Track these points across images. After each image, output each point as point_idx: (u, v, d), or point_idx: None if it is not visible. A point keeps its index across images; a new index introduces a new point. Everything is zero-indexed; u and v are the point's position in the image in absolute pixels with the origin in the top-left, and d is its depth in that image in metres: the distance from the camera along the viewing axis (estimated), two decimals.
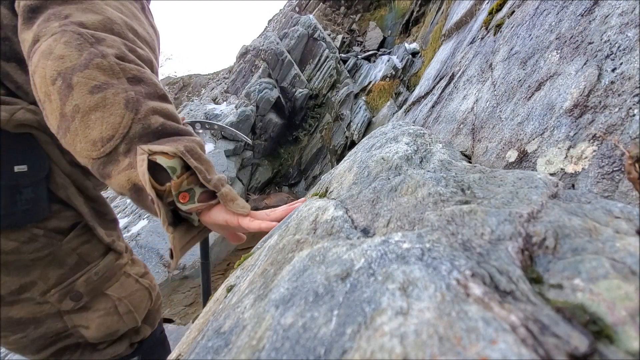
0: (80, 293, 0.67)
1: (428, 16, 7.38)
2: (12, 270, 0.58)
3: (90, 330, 0.69)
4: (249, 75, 6.61)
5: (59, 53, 0.47)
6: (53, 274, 0.64)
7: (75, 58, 0.47)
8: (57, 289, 0.65)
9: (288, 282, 0.42)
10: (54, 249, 0.63)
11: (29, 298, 0.62)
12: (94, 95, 0.46)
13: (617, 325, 0.26)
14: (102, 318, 0.70)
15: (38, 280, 0.62)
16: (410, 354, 0.25)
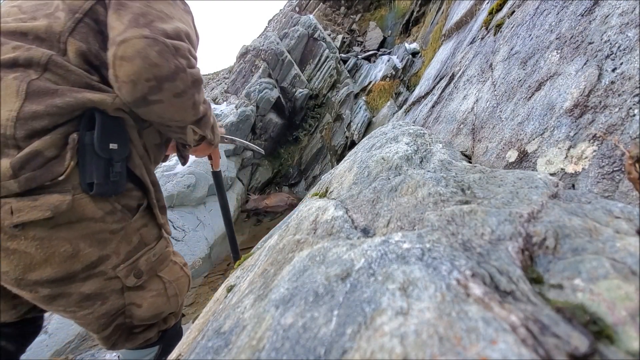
0: (142, 271, 0.75)
1: (428, 16, 7.39)
2: (94, 242, 0.66)
3: (142, 308, 0.76)
4: (249, 76, 6.62)
5: (154, 61, 0.62)
6: (123, 250, 0.72)
7: (166, 70, 0.64)
8: (125, 264, 0.72)
9: (288, 282, 0.42)
10: (125, 225, 0.72)
11: (102, 272, 0.69)
12: (175, 99, 0.68)
13: (618, 325, 0.26)
14: (154, 298, 0.78)
15: (112, 254, 0.70)
16: (411, 354, 0.25)
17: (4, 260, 0.59)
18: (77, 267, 0.65)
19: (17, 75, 0.59)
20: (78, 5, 0.67)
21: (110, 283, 0.70)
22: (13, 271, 0.60)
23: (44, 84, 0.60)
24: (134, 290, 0.75)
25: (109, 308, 0.71)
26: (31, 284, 0.62)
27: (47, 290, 0.64)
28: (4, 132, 0.57)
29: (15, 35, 0.63)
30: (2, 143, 0.57)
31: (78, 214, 0.64)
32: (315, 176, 6.03)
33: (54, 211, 0.60)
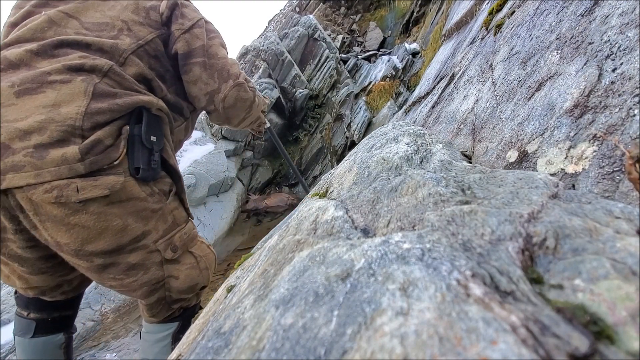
0: (177, 246, 0.87)
1: (428, 16, 7.39)
2: (139, 218, 0.77)
3: (179, 280, 0.87)
4: (249, 76, 6.62)
5: (244, 97, 1.02)
6: (161, 227, 0.84)
7: (250, 98, 1.05)
8: (164, 239, 0.84)
9: (288, 282, 0.42)
10: (163, 206, 0.84)
11: (145, 245, 0.80)
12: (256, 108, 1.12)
13: (618, 325, 0.26)
14: (189, 270, 0.89)
15: (153, 230, 0.81)
16: (411, 355, 0.25)
17: (66, 233, 0.68)
18: (125, 240, 0.76)
19: (84, 78, 0.71)
20: (143, 35, 0.85)
21: (151, 255, 0.82)
22: (73, 243, 0.70)
23: (105, 87, 0.74)
24: (171, 263, 0.86)
25: (150, 277, 0.83)
26: (88, 254, 0.73)
27: (101, 260, 0.75)
28: (73, 124, 0.67)
29: (80, 46, 0.76)
30: (70, 133, 0.66)
31: (127, 193, 0.75)
32: (316, 176, 6.03)
33: (111, 189, 0.70)
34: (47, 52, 0.72)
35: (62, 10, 0.79)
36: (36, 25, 0.76)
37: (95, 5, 0.83)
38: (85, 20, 0.80)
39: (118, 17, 0.83)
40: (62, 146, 0.65)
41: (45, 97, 0.66)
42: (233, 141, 5.72)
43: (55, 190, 0.63)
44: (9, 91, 0.66)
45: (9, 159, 0.61)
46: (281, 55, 6.45)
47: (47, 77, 0.68)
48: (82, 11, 0.81)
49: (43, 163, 0.62)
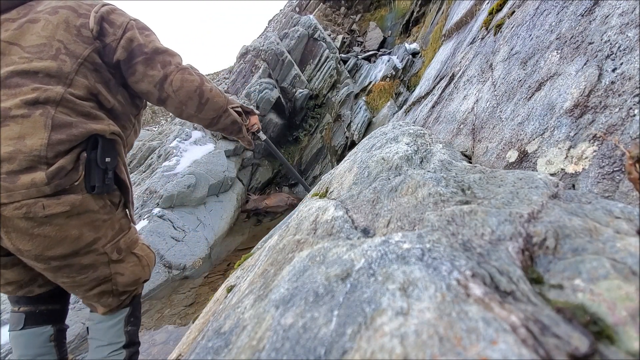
0: (122, 249, 1.01)
1: (428, 16, 7.39)
2: (92, 228, 0.91)
3: (124, 276, 1.02)
4: (249, 76, 6.62)
5: (190, 78, 1.06)
6: (110, 233, 0.97)
7: (198, 81, 1.09)
8: (111, 243, 0.98)
9: (288, 282, 0.42)
10: (112, 216, 0.98)
11: (95, 249, 0.94)
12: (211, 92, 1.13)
13: (618, 325, 0.26)
14: (133, 267, 1.05)
15: (102, 236, 0.95)
16: (411, 355, 0.25)
17: (29, 242, 0.82)
18: (80, 246, 0.90)
19: (41, 111, 0.81)
20: (79, 52, 0.93)
21: (100, 257, 0.96)
22: (35, 249, 0.83)
23: (61, 117, 0.84)
24: (117, 262, 1.01)
25: (98, 274, 0.97)
26: (47, 258, 0.86)
27: (57, 263, 0.88)
28: (38, 154, 0.79)
29: (29, 75, 0.84)
30: (37, 161, 0.79)
31: (84, 207, 0.89)
32: (316, 176, 6.03)
33: (71, 206, 0.85)
34: (5, 84, 0.82)
35: (5, 39, 0.87)
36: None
37: (30, 28, 0.90)
38: (25, 45, 0.88)
39: (53, 37, 0.90)
40: (31, 172, 0.78)
41: (10, 130, 0.78)
42: (233, 141, 5.72)
43: (24, 207, 0.78)
44: None
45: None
46: (281, 55, 6.45)
47: (9, 112, 0.79)
48: (20, 37, 0.88)
49: (14, 187, 0.76)
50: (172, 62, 1.05)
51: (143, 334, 2.32)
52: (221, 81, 9.07)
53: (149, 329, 2.39)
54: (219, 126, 1.21)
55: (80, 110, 0.90)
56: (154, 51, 1.02)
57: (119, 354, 1.04)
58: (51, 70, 0.87)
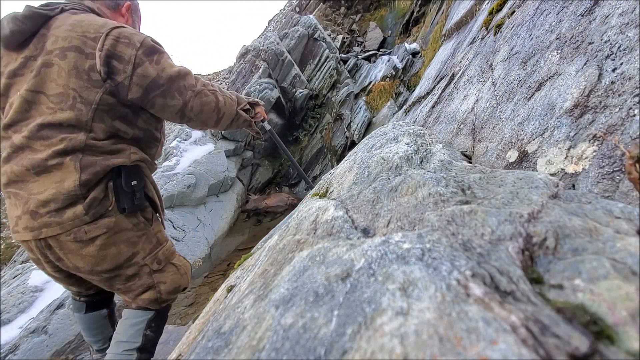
0: (161, 260, 1.16)
1: (428, 16, 7.39)
2: (129, 244, 1.07)
3: (166, 284, 1.17)
4: (249, 76, 6.62)
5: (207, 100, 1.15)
6: (147, 247, 1.12)
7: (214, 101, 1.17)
8: (150, 256, 1.13)
9: (288, 282, 0.42)
10: (147, 231, 1.13)
11: (136, 262, 1.10)
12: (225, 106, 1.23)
13: (618, 325, 0.26)
14: (173, 276, 1.18)
15: (140, 250, 1.10)
16: (411, 354, 0.25)
17: (81, 260, 1.02)
18: (121, 261, 1.06)
19: (71, 157, 0.98)
20: (92, 98, 1.00)
21: (142, 268, 1.12)
22: (86, 266, 1.03)
23: (88, 159, 1.00)
24: (158, 272, 1.15)
25: (143, 282, 1.13)
26: (97, 272, 1.05)
27: (107, 275, 1.07)
28: (75, 193, 0.97)
29: (55, 127, 0.98)
30: (74, 198, 0.97)
31: (119, 227, 1.05)
32: (316, 176, 6.03)
33: (107, 228, 1.02)
34: (36, 136, 0.97)
35: (30, 88, 0.98)
36: (18, 107, 0.99)
37: (48, 74, 0.98)
38: (49, 94, 0.98)
39: (68, 86, 0.98)
40: (72, 207, 0.98)
41: (51, 177, 0.97)
42: (233, 141, 5.73)
43: (72, 234, 0.98)
44: (27, 172, 0.97)
45: (40, 220, 0.96)
46: (281, 55, 6.45)
47: (47, 162, 0.96)
48: (42, 85, 0.98)
49: (62, 220, 0.97)
50: (187, 86, 1.10)
51: None
52: (221, 81, 9.07)
53: None
54: (232, 127, 1.34)
55: (102, 150, 1.04)
56: (168, 81, 1.06)
57: (130, 354, 1.13)
58: (71, 120, 0.99)
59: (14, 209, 1.00)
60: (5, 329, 2.38)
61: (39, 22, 1.00)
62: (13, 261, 4.61)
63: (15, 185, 0.99)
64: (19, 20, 0.98)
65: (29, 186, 0.97)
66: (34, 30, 1.00)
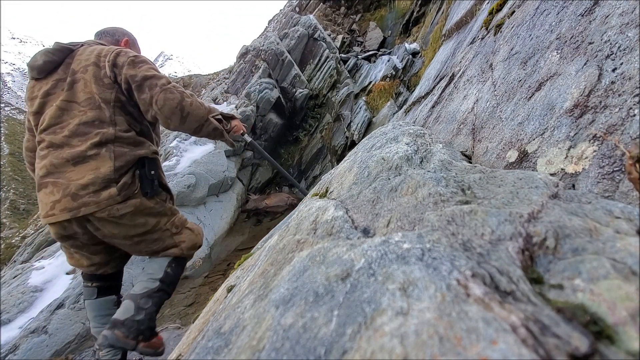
0: (177, 225, 1.45)
1: (428, 16, 7.39)
2: (152, 216, 1.34)
3: (185, 242, 1.46)
4: (249, 76, 6.61)
5: (171, 97, 1.29)
6: (166, 217, 1.40)
7: (178, 98, 1.31)
8: (169, 222, 1.41)
9: (288, 282, 0.42)
10: (164, 208, 1.40)
11: (160, 228, 1.38)
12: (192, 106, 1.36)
13: (618, 325, 0.26)
14: (190, 235, 1.48)
15: (161, 220, 1.39)
16: (411, 354, 0.25)
17: (115, 228, 1.27)
18: (148, 228, 1.35)
19: (106, 148, 1.24)
20: (109, 98, 1.29)
21: (165, 232, 1.41)
22: (120, 233, 1.29)
23: (119, 149, 1.26)
24: (178, 234, 1.45)
25: (167, 243, 1.42)
26: (129, 237, 1.32)
27: (137, 239, 1.34)
28: (110, 177, 1.21)
29: (89, 124, 1.24)
30: (109, 181, 1.21)
31: (144, 206, 1.31)
32: (316, 176, 6.03)
33: (135, 207, 1.28)
34: (75, 133, 1.23)
35: (64, 99, 1.26)
36: (52, 114, 1.24)
37: (77, 87, 1.27)
38: (79, 101, 1.26)
39: (92, 92, 1.27)
40: (107, 189, 1.20)
41: (89, 165, 1.21)
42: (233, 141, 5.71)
43: (106, 211, 1.21)
44: (67, 163, 1.20)
45: (80, 201, 1.18)
46: (281, 55, 6.45)
47: (86, 153, 1.21)
48: (74, 95, 1.27)
49: (99, 200, 1.19)
50: (157, 84, 1.30)
51: None
52: (221, 81, 9.07)
53: None
54: (202, 133, 1.46)
55: (128, 141, 1.30)
56: (142, 78, 1.29)
57: (154, 281, 1.40)
58: (100, 117, 1.25)
59: (51, 196, 1.20)
60: (5, 329, 2.38)
61: (65, 53, 1.33)
62: (13, 261, 4.61)
63: (53, 175, 1.20)
64: (50, 53, 1.31)
65: (67, 175, 1.20)
66: (61, 60, 1.32)
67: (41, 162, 1.23)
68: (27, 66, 1.35)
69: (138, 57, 1.35)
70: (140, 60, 1.34)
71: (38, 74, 1.30)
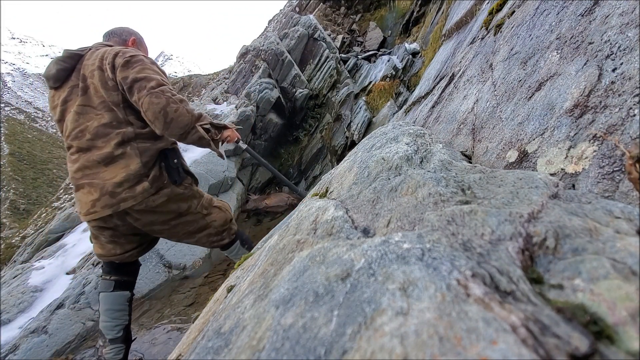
0: (205, 206, 1.60)
1: (428, 16, 7.38)
2: (183, 201, 1.48)
3: (217, 221, 1.64)
4: (249, 76, 6.61)
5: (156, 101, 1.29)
6: (195, 200, 1.55)
7: (162, 103, 1.30)
8: (198, 205, 1.56)
9: (288, 282, 0.42)
10: (192, 192, 1.53)
11: (191, 212, 1.53)
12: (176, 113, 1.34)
13: (618, 325, 0.26)
14: (219, 214, 1.66)
15: (191, 203, 1.53)
16: (411, 354, 0.25)
17: (152, 216, 1.41)
18: (181, 211, 1.49)
19: (131, 145, 1.34)
20: (118, 100, 1.35)
21: (196, 215, 1.56)
22: (157, 219, 1.43)
23: (142, 145, 1.36)
24: (208, 215, 1.61)
25: (199, 224, 1.58)
26: (166, 222, 1.47)
27: (173, 222, 1.49)
28: (140, 172, 1.32)
29: (107, 125, 1.33)
30: (140, 176, 1.33)
31: (174, 193, 1.44)
32: (316, 176, 6.03)
33: (168, 195, 1.41)
34: (97, 135, 1.31)
35: (80, 103, 1.33)
36: (72, 119, 1.33)
37: (90, 94, 1.35)
38: (93, 105, 1.34)
39: (103, 96, 1.34)
40: (140, 184, 1.32)
41: (119, 164, 1.31)
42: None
43: (144, 204, 1.34)
44: (98, 165, 1.30)
45: (119, 197, 1.29)
46: (281, 55, 6.45)
47: (113, 153, 1.30)
48: (89, 100, 1.34)
49: (135, 194, 1.31)
50: (146, 87, 1.31)
51: (143, 334, 2.31)
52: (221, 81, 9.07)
53: (149, 328, 2.39)
54: (187, 141, 1.44)
55: (147, 136, 1.38)
56: (132, 80, 1.31)
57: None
58: (116, 118, 1.33)
59: (89, 195, 1.30)
60: (5, 329, 2.39)
61: (76, 59, 1.38)
62: (13, 261, 4.61)
63: (88, 177, 1.31)
64: (61, 61, 1.37)
65: (100, 175, 1.30)
66: (73, 67, 1.38)
67: (74, 166, 1.33)
68: (44, 77, 1.41)
69: (134, 57, 1.35)
70: (136, 61, 1.34)
71: (54, 83, 1.37)
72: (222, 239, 1.67)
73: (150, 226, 1.43)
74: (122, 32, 1.61)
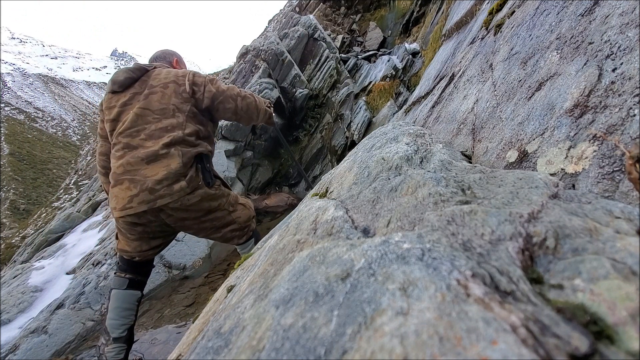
0: (232, 203, 1.70)
1: (428, 16, 7.38)
2: (213, 199, 1.59)
3: (241, 217, 1.74)
4: (249, 76, 6.61)
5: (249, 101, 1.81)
6: (224, 199, 1.65)
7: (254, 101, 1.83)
8: (226, 202, 1.66)
9: (288, 282, 0.42)
10: (221, 192, 1.64)
11: (220, 208, 1.63)
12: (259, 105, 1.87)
13: (618, 325, 0.26)
14: (243, 211, 1.76)
15: (220, 201, 1.62)
16: (411, 354, 0.25)
17: (186, 214, 1.50)
18: (211, 209, 1.59)
19: (175, 147, 1.46)
20: (185, 109, 1.57)
21: (224, 212, 1.65)
22: (190, 216, 1.52)
23: (184, 149, 1.48)
24: (234, 211, 1.71)
25: (226, 220, 1.67)
26: (197, 218, 1.56)
27: (203, 218, 1.58)
28: (179, 172, 1.42)
29: (162, 129, 1.48)
30: (179, 176, 1.43)
31: (207, 193, 1.54)
32: (316, 176, 6.03)
33: (202, 196, 1.51)
34: (151, 137, 1.45)
35: (140, 106, 1.50)
36: (131, 119, 1.48)
37: (152, 98, 1.53)
38: (153, 110, 1.51)
39: (169, 103, 1.54)
40: (178, 182, 1.42)
41: (162, 163, 1.41)
42: (233, 141, 5.72)
43: (179, 201, 1.44)
44: (141, 162, 1.40)
45: (157, 193, 1.38)
46: (281, 55, 6.45)
47: (159, 152, 1.42)
48: (149, 104, 1.52)
49: (172, 192, 1.40)
50: (235, 95, 1.70)
51: (143, 334, 2.31)
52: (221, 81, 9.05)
53: (149, 328, 2.39)
54: (264, 122, 1.88)
55: (191, 143, 1.53)
56: (222, 93, 1.66)
57: None
58: (172, 123, 1.51)
59: (128, 191, 1.38)
60: (5, 329, 2.39)
61: (142, 72, 1.61)
62: (13, 261, 4.61)
63: (129, 173, 1.40)
64: (130, 71, 1.58)
65: (142, 172, 1.40)
66: (139, 77, 1.59)
67: (118, 162, 1.43)
68: (110, 81, 1.61)
69: (210, 77, 1.73)
70: (213, 79, 1.72)
71: (118, 88, 1.57)
72: (243, 234, 1.77)
73: (181, 222, 1.53)
74: (166, 55, 1.91)
